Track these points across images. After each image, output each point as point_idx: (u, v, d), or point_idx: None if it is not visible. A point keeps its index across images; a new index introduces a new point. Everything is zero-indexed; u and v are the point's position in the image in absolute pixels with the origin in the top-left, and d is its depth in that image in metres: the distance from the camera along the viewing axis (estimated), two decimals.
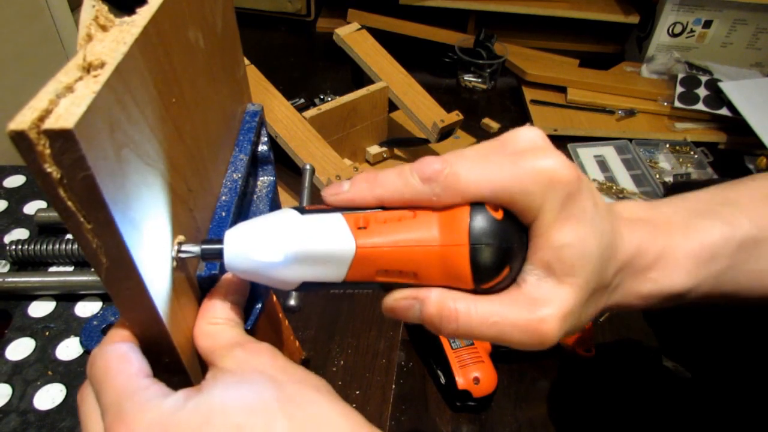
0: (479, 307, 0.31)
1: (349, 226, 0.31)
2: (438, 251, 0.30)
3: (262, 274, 0.31)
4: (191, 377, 0.34)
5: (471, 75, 1.44)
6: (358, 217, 0.31)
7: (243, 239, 0.31)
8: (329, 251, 0.30)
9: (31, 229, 0.52)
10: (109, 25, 0.26)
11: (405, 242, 0.30)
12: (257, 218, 0.32)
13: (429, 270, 0.31)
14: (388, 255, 0.30)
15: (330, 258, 0.30)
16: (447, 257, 0.30)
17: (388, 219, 0.31)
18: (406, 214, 0.31)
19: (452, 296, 0.31)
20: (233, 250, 0.31)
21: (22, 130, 0.21)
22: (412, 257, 0.30)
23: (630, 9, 1.56)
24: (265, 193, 0.46)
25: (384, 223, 0.31)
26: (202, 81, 0.37)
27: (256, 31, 1.76)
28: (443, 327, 0.31)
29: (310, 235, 0.31)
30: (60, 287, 0.46)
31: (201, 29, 0.36)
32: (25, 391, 0.39)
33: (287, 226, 0.31)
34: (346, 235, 0.30)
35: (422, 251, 0.30)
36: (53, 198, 0.23)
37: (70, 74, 0.23)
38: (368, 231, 0.31)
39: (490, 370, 0.79)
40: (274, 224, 0.31)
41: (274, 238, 0.31)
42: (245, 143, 0.44)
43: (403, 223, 0.31)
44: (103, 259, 0.26)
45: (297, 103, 1.36)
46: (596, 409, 0.80)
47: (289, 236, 0.30)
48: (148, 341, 0.31)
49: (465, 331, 0.30)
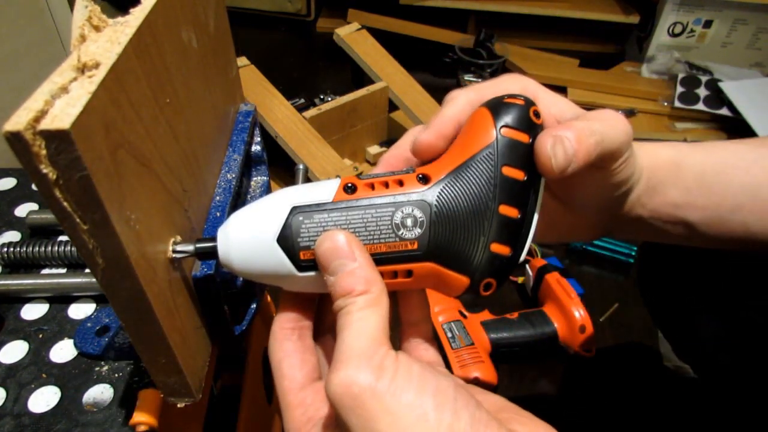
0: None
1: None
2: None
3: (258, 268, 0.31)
4: (187, 378, 0.34)
5: (471, 75, 1.44)
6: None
7: (235, 231, 0.31)
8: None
9: (23, 231, 0.52)
10: (102, 25, 0.26)
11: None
12: (247, 207, 0.32)
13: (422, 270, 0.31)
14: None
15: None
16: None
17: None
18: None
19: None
20: (226, 247, 0.31)
21: (18, 131, 0.21)
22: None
23: (630, 9, 1.56)
24: (258, 193, 0.46)
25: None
26: (196, 81, 0.37)
27: (256, 31, 1.76)
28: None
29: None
30: (53, 289, 0.46)
31: (194, 29, 0.36)
32: (19, 394, 0.39)
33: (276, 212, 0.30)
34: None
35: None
36: (49, 199, 0.23)
37: (64, 75, 0.23)
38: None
39: (490, 370, 0.79)
40: (264, 210, 0.31)
41: (264, 222, 0.30)
42: (239, 143, 0.44)
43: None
44: (100, 260, 0.26)
45: (297, 103, 1.36)
46: (597, 409, 0.80)
47: (277, 220, 0.30)
48: (144, 342, 0.31)
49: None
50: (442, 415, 0.25)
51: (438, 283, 0.31)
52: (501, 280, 0.31)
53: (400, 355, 0.27)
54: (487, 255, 0.30)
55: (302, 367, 0.32)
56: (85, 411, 0.39)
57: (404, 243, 0.30)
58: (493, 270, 0.30)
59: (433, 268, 0.30)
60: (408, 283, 0.31)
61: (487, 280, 0.30)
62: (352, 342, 0.27)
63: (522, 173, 0.30)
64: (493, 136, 0.30)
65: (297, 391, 0.31)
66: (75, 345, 0.42)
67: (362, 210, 0.30)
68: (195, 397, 0.35)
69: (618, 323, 0.94)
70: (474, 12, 1.61)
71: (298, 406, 0.31)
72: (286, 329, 0.33)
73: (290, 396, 0.31)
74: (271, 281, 0.32)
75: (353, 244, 0.29)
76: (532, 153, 0.30)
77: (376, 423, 0.25)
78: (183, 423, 0.43)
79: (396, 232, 0.30)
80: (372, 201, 0.30)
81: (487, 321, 0.86)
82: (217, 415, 0.53)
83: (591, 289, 0.99)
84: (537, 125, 0.31)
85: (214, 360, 0.40)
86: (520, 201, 0.30)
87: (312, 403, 0.31)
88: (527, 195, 0.30)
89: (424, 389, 0.26)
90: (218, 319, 0.38)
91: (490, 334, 0.84)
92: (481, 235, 0.30)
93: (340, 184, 0.31)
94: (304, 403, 0.31)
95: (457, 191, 0.30)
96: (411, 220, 0.29)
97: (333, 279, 0.29)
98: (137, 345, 0.31)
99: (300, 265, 0.30)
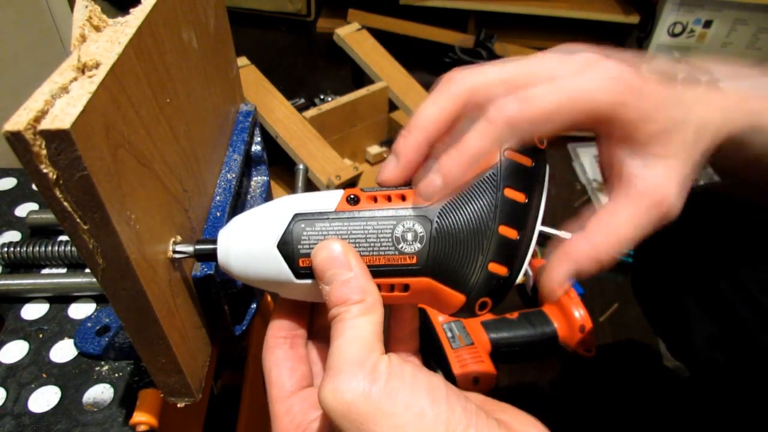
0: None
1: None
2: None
3: (257, 273, 0.31)
4: (187, 378, 0.34)
5: None
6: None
7: (236, 234, 0.31)
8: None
9: (23, 231, 0.52)
10: (102, 25, 0.26)
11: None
12: (249, 211, 0.32)
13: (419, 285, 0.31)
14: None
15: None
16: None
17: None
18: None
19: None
20: (226, 249, 0.31)
21: (18, 130, 0.21)
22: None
23: (630, 9, 1.56)
24: (258, 193, 0.46)
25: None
26: (196, 81, 0.37)
27: (257, 31, 1.76)
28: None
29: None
30: (53, 289, 0.46)
31: (194, 29, 0.36)
32: (19, 394, 0.39)
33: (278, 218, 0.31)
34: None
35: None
36: (49, 199, 0.23)
37: (64, 75, 0.23)
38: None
39: (490, 370, 0.79)
40: (266, 215, 0.31)
41: (266, 227, 0.30)
42: (239, 143, 0.44)
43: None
44: (100, 260, 0.26)
45: (297, 103, 1.36)
46: (596, 409, 0.80)
47: (278, 230, 0.30)
48: (144, 342, 0.31)
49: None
50: (438, 409, 0.26)
51: (433, 300, 0.31)
52: (497, 300, 0.31)
53: (391, 356, 0.28)
54: (484, 274, 0.30)
55: (291, 375, 0.32)
56: (86, 411, 0.39)
57: (403, 257, 0.30)
58: (489, 289, 0.30)
59: (430, 283, 0.30)
60: (404, 297, 0.31)
61: (482, 299, 0.31)
62: (344, 349, 0.27)
63: (523, 196, 0.30)
64: (497, 158, 0.30)
65: (285, 399, 0.32)
66: (75, 345, 0.42)
67: (364, 221, 0.30)
68: (195, 397, 0.35)
69: (618, 323, 0.94)
70: (474, 12, 1.61)
71: (285, 414, 0.31)
72: (278, 337, 0.33)
73: (278, 404, 0.32)
74: (269, 287, 0.32)
75: (349, 253, 0.29)
76: (534, 176, 0.31)
77: (374, 426, 0.25)
78: (183, 423, 0.43)
79: (396, 246, 0.30)
80: (374, 213, 0.30)
81: (487, 321, 0.86)
82: (217, 415, 0.53)
83: (591, 289, 0.99)
84: (540, 150, 0.31)
85: (214, 360, 0.40)
86: (520, 223, 0.30)
87: (299, 410, 0.31)
88: (527, 217, 0.30)
89: (418, 387, 0.26)
90: (218, 319, 0.38)
91: (490, 333, 0.84)
92: (480, 254, 0.30)
93: (343, 195, 0.31)
94: (291, 411, 0.31)
95: (459, 209, 0.30)
96: (411, 235, 0.30)
97: (328, 288, 0.29)
98: (137, 345, 0.31)
99: (299, 272, 0.30)
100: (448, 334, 0.83)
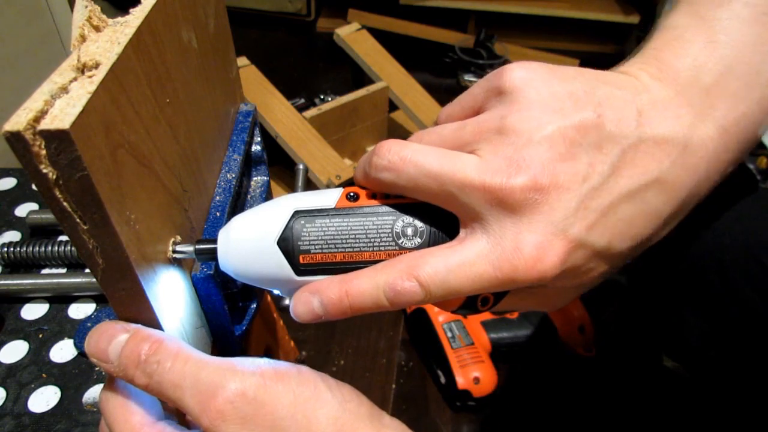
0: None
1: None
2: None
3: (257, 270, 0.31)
4: None
5: (471, 75, 1.44)
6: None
7: (236, 232, 0.31)
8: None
9: (23, 231, 0.52)
10: (102, 25, 0.26)
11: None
12: (249, 210, 0.32)
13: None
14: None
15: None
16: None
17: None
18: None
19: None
20: (226, 248, 0.31)
21: (18, 130, 0.21)
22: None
23: (630, 9, 1.56)
24: (258, 193, 0.46)
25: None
26: (196, 81, 0.37)
27: (257, 31, 1.76)
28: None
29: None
30: (53, 289, 0.46)
31: (194, 29, 0.36)
32: (19, 394, 0.39)
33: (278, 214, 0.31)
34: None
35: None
36: (49, 199, 0.23)
37: (64, 75, 0.23)
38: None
39: (490, 370, 0.79)
40: (266, 213, 0.31)
41: (266, 223, 0.30)
42: (239, 143, 0.44)
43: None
44: (99, 260, 0.26)
45: (297, 103, 1.36)
46: (596, 409, 0.80)
47: (277, 228, 0.30)
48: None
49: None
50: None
51: None
52: (499, 295, 0.31)
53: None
54: None
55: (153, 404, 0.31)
56: (85, 411, 0.39)
57: (404, 252, 0.30)
58: None
59: None
60: None
61: (484, 295, 0.30)
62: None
63: None
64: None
65: (150, 425, 0.30)
66: (75, 345, 0.42)
67: (364, 217, 0.30)
68: None
69: (618, 323, 0.94)
70: (474, 12, 1.61)
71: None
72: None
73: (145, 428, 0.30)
74: (269, 285, 0.32)
75: (113, 324, 0.29)
76: None
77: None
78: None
79: (396, 241, 0.30)
80: (374, 209, 0.30)
81: (487, 321, 0.86)
82: None
83: (591, 289, 0.99)
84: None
85: None
86: None
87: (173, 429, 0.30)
88: None
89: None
90: (218, 319, 0.38)
91: (490, 333, 0.84)
92: None
93: (342, 192, 0.31)
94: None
95: None
96: (411, 230, 0.30)
97: (116, 363, 0.28)
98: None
99: (299, 268, 0.30)
100: (448, 334, 0.83)
